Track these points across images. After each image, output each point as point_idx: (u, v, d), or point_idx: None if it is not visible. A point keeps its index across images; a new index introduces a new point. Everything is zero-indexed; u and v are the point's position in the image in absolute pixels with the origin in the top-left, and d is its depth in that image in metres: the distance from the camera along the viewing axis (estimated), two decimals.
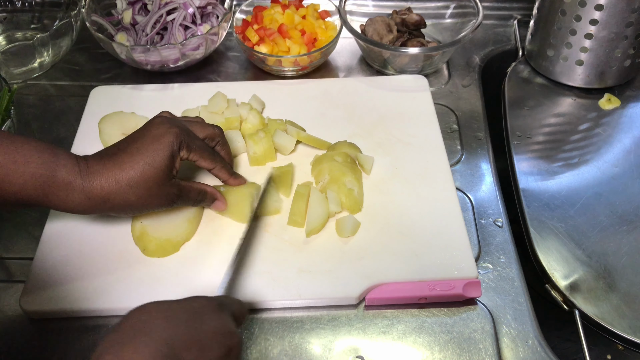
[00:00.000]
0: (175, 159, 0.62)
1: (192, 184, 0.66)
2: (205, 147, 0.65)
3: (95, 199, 0.58)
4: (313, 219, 0.67)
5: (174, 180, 0.63)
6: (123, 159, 0.59)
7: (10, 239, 0.72)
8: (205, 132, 0.67)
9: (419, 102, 0.84)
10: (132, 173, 0.59)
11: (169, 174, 0.61)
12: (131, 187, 0.59)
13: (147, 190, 0.60)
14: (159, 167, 0.60)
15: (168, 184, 0.62)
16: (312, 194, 0.69)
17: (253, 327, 0.63)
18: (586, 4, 0.81)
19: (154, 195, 0.61)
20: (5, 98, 0.78)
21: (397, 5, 1.00)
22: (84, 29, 0.91)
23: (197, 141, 0.64)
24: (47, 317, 0.63)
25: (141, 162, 0.59)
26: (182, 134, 0.62)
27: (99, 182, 0.58)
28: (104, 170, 0.58)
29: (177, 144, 0.62)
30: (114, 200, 0.59)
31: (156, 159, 0.60)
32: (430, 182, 0.74)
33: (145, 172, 0.59)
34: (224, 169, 0.68)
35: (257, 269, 0.65)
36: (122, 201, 0.59)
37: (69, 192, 0.57)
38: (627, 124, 0.85)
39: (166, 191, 0.62)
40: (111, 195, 0.59)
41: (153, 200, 0.62)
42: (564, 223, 0.73)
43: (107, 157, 0.60)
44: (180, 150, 0.62)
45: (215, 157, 0.67)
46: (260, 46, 0.88)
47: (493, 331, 0.63)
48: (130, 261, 0.66)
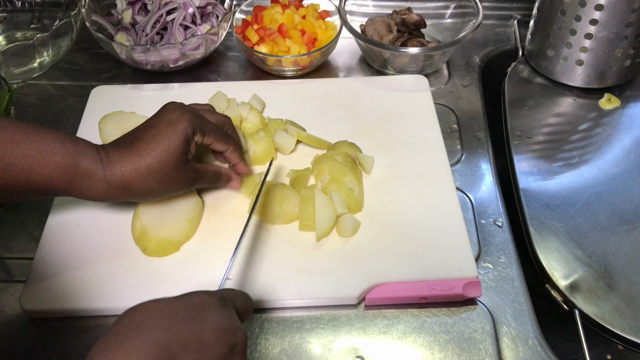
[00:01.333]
0: (190, 143, 0.63)
1: (207, 166, 0.68)
2: (219, 130, 0.67)
3: (117, 187, 0.60)
4: (322, 222, 0.67)
5: (190, 164, 0.64)
6: (140, 146, 0.61)
7: (10, 239, 0.72)
8: (216, 119, 0.68)
9: (419, 102, 0.84)
10: (150, 160, 0.60)
11: (185, 158, 0.63)
12: (150, 173, 0.60)
13: (166, 175, 0.62)
14: (175, 152, 0.61)
15: (185, 168, 0.63)
16: (318, 197, 0.68)
17: (253, 327, 0.63)
18: (586, 4, 0.81)
19: (173, 179, 0.63)
20: (5, 98, 0.78)
21: (397, 5, 1.00)
22: (84, 29, 0.91)
23: (210, 124, 0.66)
24: (47, 317, 0.63)
25: (158, 149, 0.61)
26: (195, 119, 0.63)
27: (120, 170, 0.59)
28: (123, 159, 0.60)
29: (191, 128, 0.63)
30: (135, 187, 0.61)
31: (172, 144, 0.61)
32: (430, 182, 0.74)
33: (163, 158, 0.61)
34: (236, 152, 0.69)
35: (257, 269, 0.65)
36: (142, 187, 0.61)
37: (91, 181, 0.59)
38: (627, 124, 0.85)
39: (184, 175, 0.63)
40: (132, 183, 0.60)
41: (172, 184, 0.63)
42: (564, 223, 0.73)
43: (125, 146, 0.61)
44: (195, 135, 0.64)
45: (228, 139, 0.68)
46: (260, 46, 0.88)
47: (493, 331, 0.63)
48: (131, 261, 0.66)
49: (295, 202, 0.69)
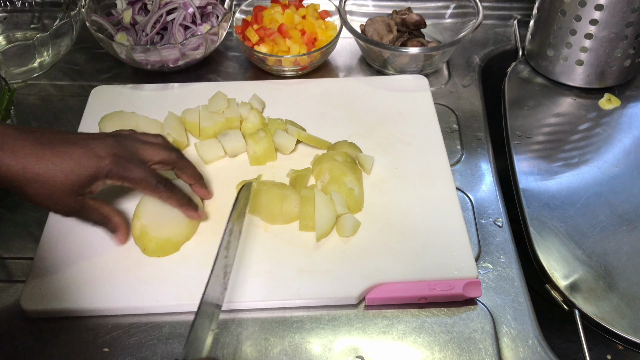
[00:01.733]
0: (95, 182, 0.60)
1: (101, 206, 0.64)
2: (147, 178, 0.62)
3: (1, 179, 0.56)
4: (322, 222, 0.67)
5: (80, 197, 0.60)
6: (45, 151, 0.57)
7: (10, 239, 0.72)
8: (160, 157, 0.64)
9: (419, 102, 0.84)
10: (43, 171, 0.56)
11: (78, 190, 0.59)
12: (35, 181, 0.56)
13: (48, 193, 0.57)
14: (72, 180, 0.58)
15: (72, 198, 0.59)
16: (318, 197, 0.68)
17: (253, 327, 0.63)
18: (586, 4, 0.81)
19: (53, 200, 0.58)
20: (5, 98, 0.78)
21: (397, 5, 1.00)
22: (84, 29, 0.91)
23: (136, 172, 0.61)
24: (47, 317, 0.63)
25: (58, 166, 0.57)
26: (118, 164, 0.59)
27: (7, 160, 0.55)
28: (19, 152, 0.56)
29: (106, 171, 0.59)
30: (13, 184, 0.56)
31: (74, 171, 0.57)
32: (430, 182, 0.74)
33: (56, 176, 0.57)
34: (172, 199, 0.65)
35: (257, 269, 0.65)
36: (20, 189, 0.57)
37: None
38: (627, 124, 0.85)
39: (67, 202, 0.59)
40: (13, 179, 0.56)
41: (49, 204, 0.59)
42: (564, 223, 0.73)
43: (31, 141, 0.57)
44: (107, 178, 0.60)
45: (157, 187, 0.63)
46: (260, 46, 0.88)
47: (493, 331, 0.63)
48: (131, 261, 0.66)
49: (295, 202, 0.69)
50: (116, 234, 0.66)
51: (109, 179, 0.60)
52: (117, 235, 0.66)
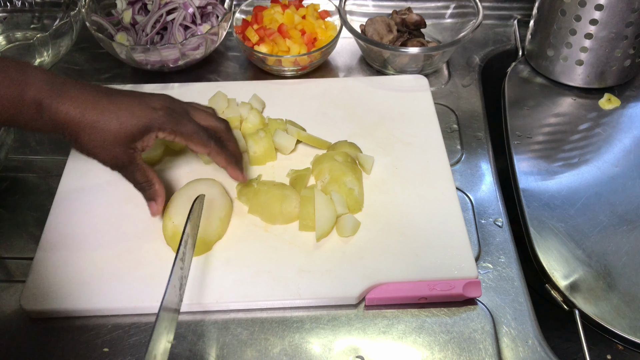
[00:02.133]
0: (147, 133, 0.61)
1: (147, 168, 0.64)
2: (199, 132, 0.63)
3: (56, 121, 0.57)
4: (322, 222, 0.67)
5: (131, 151, 0.61)
6: (102, 99, 0.59)
7: (10, 239, 0.72)
8: (207, 122, 0.66)
9: (419, 102, 0.84)
10: (100, 117, 0.58)
11: (130, 142, 0.60)
12: (90, 127, 0.58)
13: (101, 140, 0.59)
14: (125, 129, 0.59)
15: (123, 149, 0.60)
16: (318, 197, 0.68)
17: (253, 327, 0.63)
18: (586, 4, 0.81)
19: (105, 149, 0.60)
20: None
21: (397, 5, 1.00)
22: (84, 29, 0.91)
23: (188, 126, 0.63)
24: (47, 317, 0.63)
25: (113, 115, 0.58)
26: (171, 117, 0.61)
27: (67, 106, 0.57)
28: (77, 98, 0.58)
29: (160, 123, 0.60)
30: (69, 130, 0.58)
31: (129, 120, 0.59)
32: (430, 182, 0.74)
33: (110, 124, 0.58)
34: (221, 155, 0.66)
35: (257, 269, 0.65)
36: (75, 135, 0.58)
37: (37, 111, 0.56)
38: (627, 124, 0.85)
39: (116, 153, 0.60)
40: (70, 124, 0.57)
41: (100, 152, 0.60)
42: (564, 223, 0.73)
43: (89, 90, 0.59)
44: (160, 130, 0.61)
45: (209, 142, 0.64)
46: (260, 46, 0.88)
47: (493, 331, 0.63)
48: (131, 261, 0.66)
49: (295, 202, 0.69)
50: (152, 203, 0.66)
51: (161, 131, 0.61)
52: (152, 204, 0.66)
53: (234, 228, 0.69)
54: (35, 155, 0.82)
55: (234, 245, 0.68)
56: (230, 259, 0.66)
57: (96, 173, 0.75)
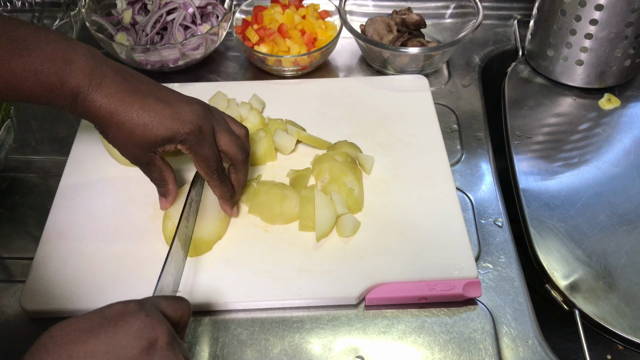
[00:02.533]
0: (169, 143, 0.61)
1: (166, 169, 0.65)
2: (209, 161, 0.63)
3: (88, 112, 0.59)
4: (322, 222, 0.67)
5: (151, 153, 0.62)
6: (134, 104, 0.59)
7: (10, 239, 0.72)
8: (230, 149, 0.64)
9: (420, 102, 0.84)
10: (127, 119, 0.58)
11: (152, 147, 0.61)
12: (117, 126, 0.59)
13: (124, 139, 0.60)
14: (149, 135, 0.59)
15: (143, 151, 0.61)
16: (318, 197, 0.68)
17: (253, 327, 0.63)
18: (586, 4, 0.81)
19: (127, 147, 0.61)
20: None
21: (397, 5, 1.00)
22: (84, 29, 0.91)
23: (206, 149, 0.62)
24: (47, 317, 0.63)
25: (142, 119, 0.59)
26: (192, 135, 0.61)
27: (100, 102, 0.58)
28: (113, 97, 0.58)
29: (183, 137, 0.60)
30: (98, 123, 0.59)
31: (154, 128, 0.59)
32: (430, 182, 0.74)
33: (137, 128, 0.59)
34: (217, 189, 0.66)
35: (257, 269, 0.65)
36: (102, 127, 0.60)
37: (73, 99, 0.58)
38: (627, 124, 0.85)
39: (137, 154, 0.62)
40: (98, 117, 0.59)
41: (122, 149, 0.62)
42: (564, 223, 0.73)
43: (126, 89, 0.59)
44: (181, 143, 0.61)
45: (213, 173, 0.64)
46: (260, 46, 0.88)
47: (493, 331, 0.63)
48: (131, 261, 0.66)
49: (295, 202, 0.69)
50: (162, 199, 0.68)
51: (182, 144, 0.61)
52: (162, 200, 0.68)
53: (234, 228, 0.69)
54: (35, 155, 0.82)
55: (234, 245, 0.68)
56: (230, 259, 0.66)
57: (96, 173, 0.75)
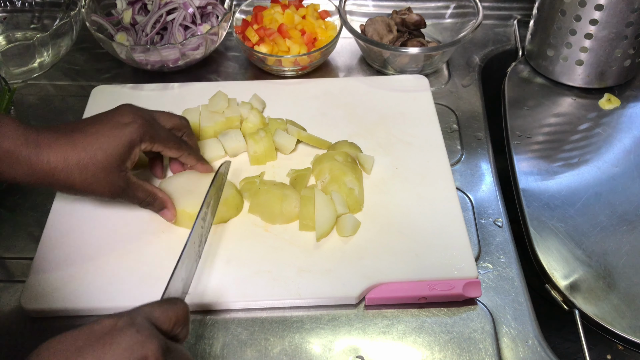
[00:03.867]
0: (132, 149, 0.61)
1: (143, 183, 0.65)
2: (171, 137, 0.65)
3: (40, 173, 0.57)
4: (322, 222, 0.67)
5: (124, 173, 0.61)
6: (77, 137, 0.58)
7: (10, 239, 0.72)
8: (172, 123, 0.67)
9: (420, 102, 0.84)
10: (83, 154, 0.58)
11: (121, 164, 0.60)
12: (78, 168, 0.58)
13: (92, 176, 0.59)
14: (112, 154, 0.59)
15: (117, 175, 0.61)
16: (318, 197, 0.68)
17: (253, 327, 0.63)
18: (586, 4, 0.81)
19: (99, 182, 0.60)
20: (5, 98, 0.78)
21: (397, 5, 1.00)
22: (84, 29, 0.91)
23: (161, 131, 0.64)
24: (47, 316, 0.63)
25: (95, 146, 0.58)
26: (145, 126, 0.62)
27: (46, 156, 0.57)
28: (54, 145, 0.57)
29: (139, 135, 0.61)
30: (57, 177, 0.58)
31: (111, 145, 0.59)
32: (430, 182, 0.74)
33: (96, 156, 0.58)
34: (191, 156, 0.68)
35: (257, 268, 0.65)
36: (65, 180, 0.58)
37: (12, 164, 0.56)
38: (627, 124, 0.85)
39: (112, 181, 0.61)
40: (56, 172, 0.57)
41: (97, 187, 0.60)
42: (564, 223, 0.73)
43: (62, 133, 0.59)
44: (142, 142, 0.62)
45: (181, 145, 0.67)
46: (260, 46, 0.88)
47: (493, 331, 0.63)
48: (131, 260, 0.66)
49: (295, 201, 0.69)
50: (164, 212, 0.68)
51: (143, 142, 0.61)
52: (165, 212, 0.68)
53: (234, 228, 0.69)
54: None
55: (234, 244, 0.68)
56: (230, 258, 0.66)
57: None
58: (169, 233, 0.69)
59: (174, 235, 0.69)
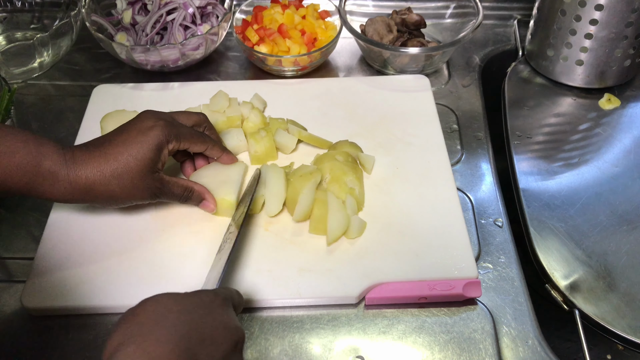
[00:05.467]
0: (161, 151, 0.63)
1: (178, 180, 0.67)
2: (195, 133, 0.67)
3: (80, 189, 0.60)
4: (334, 227, 0.66)
5: (157, 174, 0.64)
6: (108, 149, 0.61)
7: (10, 239, 0.72)
8: (192, 120, 0.68)
9: (421, 102, 0.84)
10: (116, 164, 0.60)
11: (153, 167, 0.63)
12: (115, 177, 0.60)
13: (130, 182, 0.61)
14: (143, 159, 0.61)
15: (151, 177, 0.63)
16: (330, 201, 0.67)
17: (253, 327, 0.63)
18: (586, 4, 0.81)
19: (137, 187, 0.62)
20: (5, 98, 0.78)
21: (397, 5, 1.00)
22: (84, 29, 0.91)
23: (185, 129, 0.66)
24: (48, 314, 0.63)
25: (125, 154, 0.61)
26: (168, 126, 0.63)
27: (84, 171, 0.59)
28: (89, 160, 0.60)
29: (165, 135, 0.63)
30: (97, 190, 0.60)
31: (140, 151, 0.61)
32: (431, 182, 0.74)
33: (129, 163, 0.61)
34: (216, 147, 0.70)
35: (257, 267, 0.65)
36: (105, 191, 0.61)
37: (53, 182, 0.59)
38: (627, 124, 0.85)
39: (149, 184, 0.63)
40: (95, 185, 0.60)
41: (136, 192, 0.63)
42: (564, 223, 0.73)
43: (94, 147, 0.61)
44: (169, 143, 0.63)
45: (205, 139, 0.68)
46: (260, 46, 0.88)
47: (493, 331, 0.63)
48: (132, 259, 0.66)
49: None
50: (204, 203, 0.69)
51: (170, 142, 0.63)
52: (205, 204, 0.69)
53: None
54: None
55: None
56: (230, 257, 0.66)
57: None
58: (170, 232, 0.69)
59: (175, 234, 0.69)
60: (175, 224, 0.70)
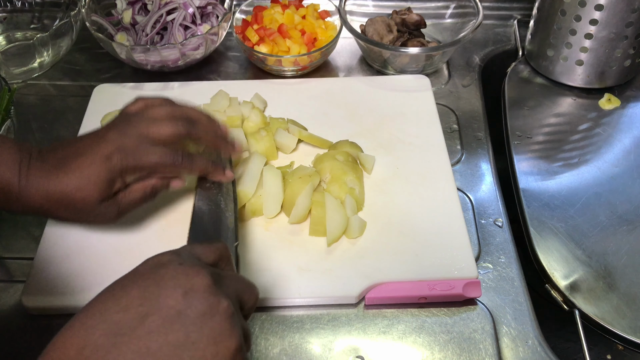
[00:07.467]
0: (113, 184, 0.57)
1: (133, 188, 0.59)
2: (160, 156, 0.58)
3: (30, 209, 0.55)
4: (333, 227, 0.66)
5: (110, 201, 0.57)
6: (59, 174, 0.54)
7: (10, 239, 0.72)
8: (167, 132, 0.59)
9: (421, 102, 0.84)
10: (61, 195, 0.54)
11: (104, 197, 0.56)
12: (62, 206, 0.55)
13: (79, 210, 0.56)
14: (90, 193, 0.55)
15: (103, 204, 0.57)
16: (328, 203, 0.67)
17: (253, 327, 0.63)
18: (586, 4, 0.81)
19: (87, 215, 0.57)
20: (5, 98, 0.78)
21: (397, 5, 1.00)
22: (84, 29, 0.91)
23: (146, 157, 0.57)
24: (47, 314, 0.63)
25: (73, 184, 0.54)
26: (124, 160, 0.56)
27: (34, 193, 0.54)
28: (40, 182, 0.54)
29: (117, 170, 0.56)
30: (47, 213, 0.56)
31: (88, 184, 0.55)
32: (431, 182, 0.74)
33: (74, 195, 0.54)
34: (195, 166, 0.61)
35: (257, 267, 0.65)
36: (56, 216, 0.56)
37: (6, 199, 0.54)
38: (627, 124, 0.85)
39: (102, 210, 0.57)
40: (42, 210, 0.55)
41: (87, 218, 0.58)
42: (564, 223, 0.73)
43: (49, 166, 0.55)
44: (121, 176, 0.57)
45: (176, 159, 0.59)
46: (260, 46, 0.88)
47: (493, 331, 0.63)
48: (132, 258, 0.66)
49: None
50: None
51: (125, 175, 0.57)
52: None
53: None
54: None
55: None
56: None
57: None
58: (170, 231, 0.69)
59: (175, 233, 0.69)
60: (177, 222, 0.70)
